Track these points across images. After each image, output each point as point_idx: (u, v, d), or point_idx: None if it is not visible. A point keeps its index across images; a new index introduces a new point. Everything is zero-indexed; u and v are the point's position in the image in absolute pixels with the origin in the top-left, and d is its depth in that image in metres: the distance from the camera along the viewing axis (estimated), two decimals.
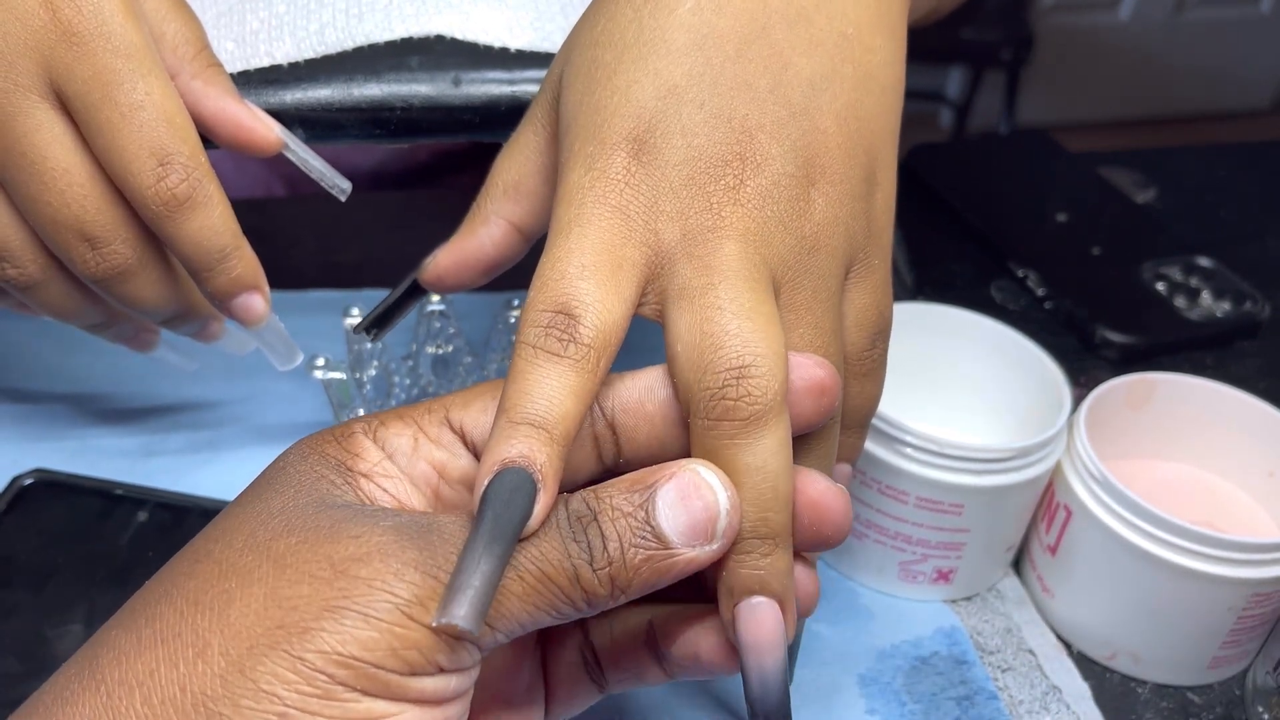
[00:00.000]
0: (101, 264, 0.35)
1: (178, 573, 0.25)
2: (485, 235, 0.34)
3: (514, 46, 0.39)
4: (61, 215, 0.34)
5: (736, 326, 0.26)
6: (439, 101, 0.39)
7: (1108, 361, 0.56)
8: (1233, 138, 2.45)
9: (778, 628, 0.27)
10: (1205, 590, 0.39)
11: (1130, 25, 2.45)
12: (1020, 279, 0.61)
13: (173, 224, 0.35)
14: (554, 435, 0.25)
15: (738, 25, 0.29)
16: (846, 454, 0.33)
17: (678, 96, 0.28)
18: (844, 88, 0.30)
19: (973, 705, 0.39)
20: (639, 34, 0.29)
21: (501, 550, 0.23)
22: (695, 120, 0.28)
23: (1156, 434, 0.46)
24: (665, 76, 0.29)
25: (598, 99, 0.29)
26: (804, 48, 0.30)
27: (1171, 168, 0.74)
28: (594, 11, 0.32)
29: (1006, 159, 0.73)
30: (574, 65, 0.31)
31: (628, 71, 0.29)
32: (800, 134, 0.29)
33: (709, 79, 0.29)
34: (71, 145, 0.34)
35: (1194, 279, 0.61)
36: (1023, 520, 0.43)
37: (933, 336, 0.47)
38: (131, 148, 0.33)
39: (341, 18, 0.39)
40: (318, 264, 0.60)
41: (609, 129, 0.28)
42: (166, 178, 0.34)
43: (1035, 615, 0.44)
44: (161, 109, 0.33)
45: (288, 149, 0.38)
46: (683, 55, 0.29)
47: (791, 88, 0.29)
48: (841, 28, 0.30)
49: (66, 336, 0.52)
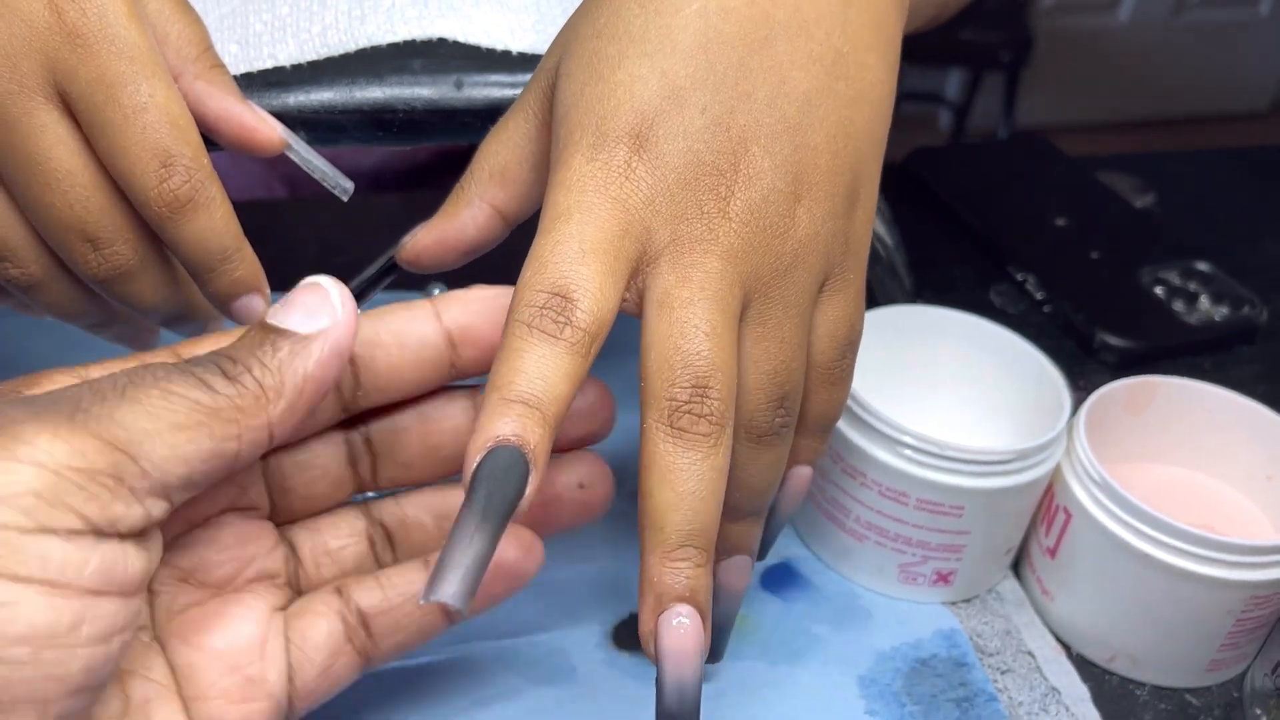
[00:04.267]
0: (104, 265, 0.35)
1: None
2: (468, 217, 0.34)
3: (516, 49, 0.39)
4: (64, 216, 0.34)
5: (708, 349, 0.27)
6: (441, 104, 0.39)
7: (1106, 365, 0.57)
8: (1232, 140, 2.46)
9: (699, 639, 0.27)
10: (1204, 593, 0.39)
11: (1129, 27, 2.46)
12: (1019, 283, 0.62)
13: (175, 225, 0.35)
14: (546, 416, 0.25)
15: (742, 33, 0.30)
16: (807, 456, 0.34)
17: (681, 98, 0.29)
18: (836, 105, 0.30)
19: (972, 707, 0.39)
20: (645, 30, 0.30)
21: (493, 530, 0.23)
22: (696, 125, 0.29)
23: (1155, 437, 0.46)
24: (670, 76, 0.29)
25: (600, 90, 0.29)
26: (802, 62, 0.30)
27: (1170, 172, 0.74)
28: (595, 4, 0.32)
29: (1006, 163, 0.73)
30: (574, 56, 0.31)
31: (632, 66, 0.29)
32: (792, 149, 0.29)
33: (712, 84, 0.29)
34: (75, 147, 0.34)
35: (1192, 283, 0.61)
36: (1022, 523, 0.43)
37: (932, 339, 0.47)
38: (134, 149, 0.33)
39: (344, 19, 0.39)
40: (319, 266, 0.60)
41: (612, 122, 0.29)
42: (169, 179, 0.34)
43: (1035, 617, 0.44)
44: (165, 111, 0.34)
45: (290, 149, 0.38)
46: (688, 57, 0.29)
47: (788, 101, 0.29)
48: (839, 44, 0.31)
49: (66, 336, 0.52)
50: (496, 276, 0.32)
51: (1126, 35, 2.46)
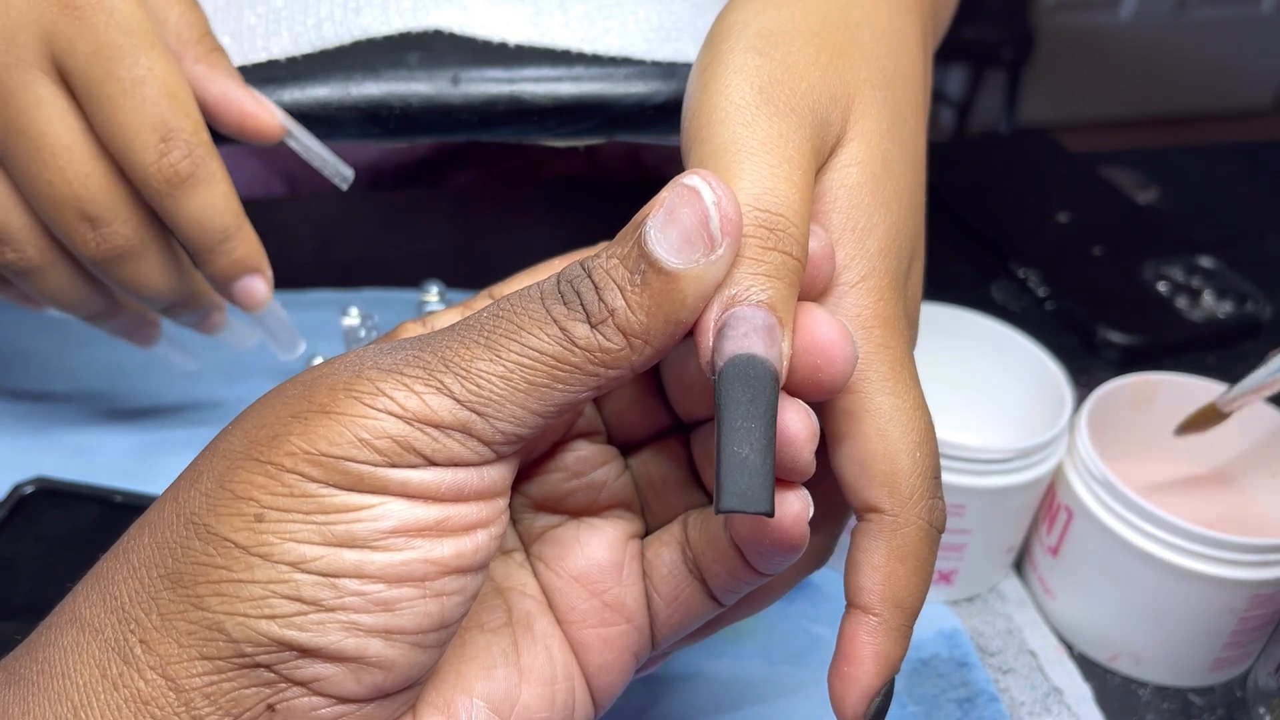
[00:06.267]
0: (102, 244, 0.34)
1: None
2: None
3: (513, 41, 0.39)
4: (61, 193, 0.33)
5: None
6: (437, 101, 0.38)
7: (1109, 362, 0.56)
8: (1234, 137, 2.45)
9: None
10: (1207, 591, 0.39)
11: (1131, 25, 2.46)
12: (1021, 279, 0.61)
13: (174, 201, 0.34)
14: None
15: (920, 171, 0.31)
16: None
17: (918, 249, 0.30)
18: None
19: (974, 707, 0.39)
20: (900, 185, 0.30)
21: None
22: (918, 273, 0.30)
23: (1158, 435, 0.46)
24: (915, 223, 0.30)
25: (884, 228, 0.28)
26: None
27: (1173, 168, 0.74)
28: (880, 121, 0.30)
29: (1008, 159, 0.73)
30: (865, 160, 0.29)
31: (894, 214, 0.29)
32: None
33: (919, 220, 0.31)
34: (73, 122, 0.33)
35: (1195, 279, 0.61)
36: (1024, 521, 0.43)
37: (934, 337, 0.46)
38: (133, 123, 0.33)
39: (339, 12, 0.39)
40: (316, 263, 0.60)
41: (890, 261, 0.28)
42: (169, 154, 0.33)
43: (1037, 616, 0.44)
44: (164, 84, 0.33)
45: (290, 136, 0.38)
46: (916, 205, 0.30)
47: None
48: (921, 97, 0.32)
49: (66, 335, 0.52)
50: (497, 275, 0.31)
51: (1128, 32, 2.46)
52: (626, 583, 0.28)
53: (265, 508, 0.22)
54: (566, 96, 0.39)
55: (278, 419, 0.23)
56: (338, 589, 0.22)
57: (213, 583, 0.21)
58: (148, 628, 0.22)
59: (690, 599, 0.28)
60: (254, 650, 0.21)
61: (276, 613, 0.21)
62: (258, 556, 0.21)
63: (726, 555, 0.27)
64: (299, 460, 0.22)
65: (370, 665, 0.22)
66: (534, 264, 0.30)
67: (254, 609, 0.21)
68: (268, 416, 0.23)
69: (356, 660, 0.22)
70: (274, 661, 0.21)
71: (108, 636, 0.22)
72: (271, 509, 0.22)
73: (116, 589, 0.23)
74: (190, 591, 0.22)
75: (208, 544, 0.22)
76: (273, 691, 0.22)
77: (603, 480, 0.29)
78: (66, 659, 0.22)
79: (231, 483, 0.22)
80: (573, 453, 0.29)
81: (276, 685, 0.22)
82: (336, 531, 0.22)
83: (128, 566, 0.23)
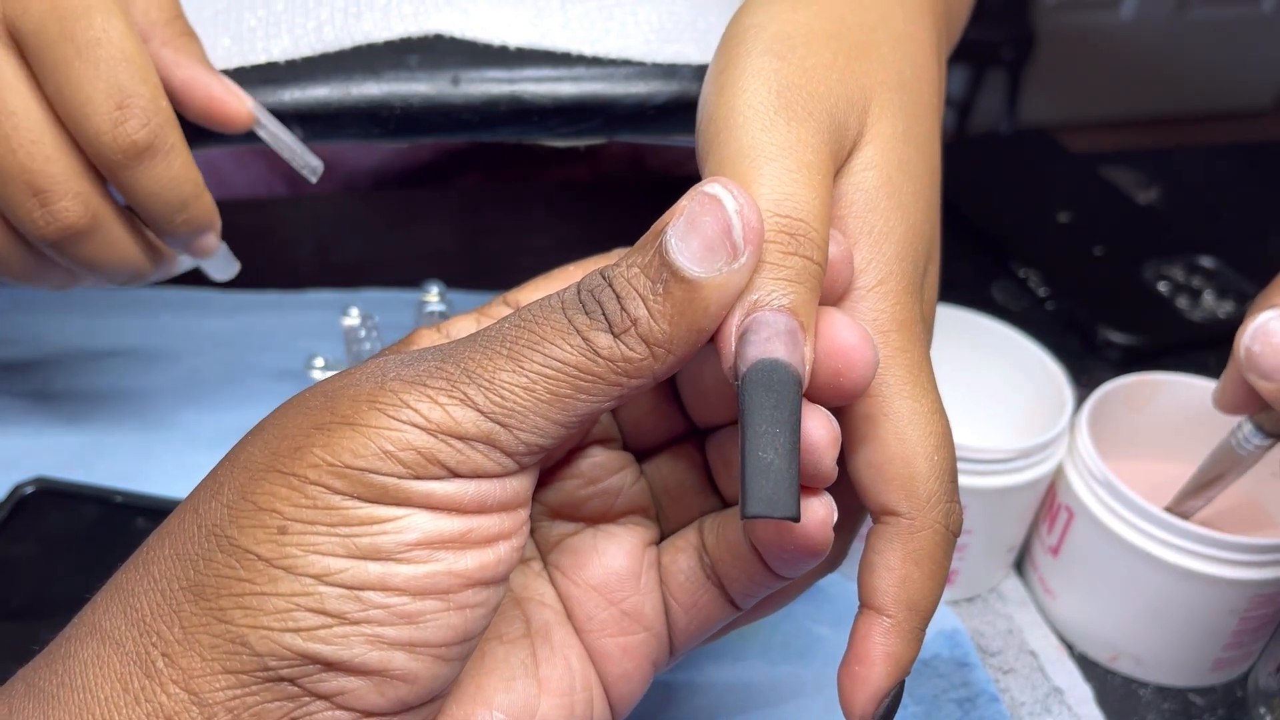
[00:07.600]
0: (52, 223, 0.33)
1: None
2: None
3: (513, 44, 0.39)
4: (7, 163, 0.32)
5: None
6: (438, 101, 0.38)
7: (1109, 362, 0.56)
8: (1234, 137, 2.45)
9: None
10: (1208, 591, 0.39)
11: (1132, 25, 2.45)
12: (1022, 279, 0.61)
13: (130, 174, 0.33)
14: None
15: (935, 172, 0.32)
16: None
17: (934, 252, 0.31)
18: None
19: (974, 707, 0.39)
20: (916, 189, 0.30)
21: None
22: (934, 276, 0.31)
23: (1159, 435, 0.46)
24: (930, 226, 0.31)
25: (900, 232, 0.29)
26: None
27: (1174, 168, 0.74)
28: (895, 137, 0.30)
29: (1008, 159, 0.73)
30: (881, 167, 0.29)
31: (910, 218, 0.30)
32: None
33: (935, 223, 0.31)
34: (22, 88, 0.32)
35: (1196, 279, 0.61)
36: (1024, 521, 0.43)
37: (934, 337, 0.46)
38: (87, 87, 0.31)
39: (340, 16, 0.39)
40: (316, 263, 0.60)
41: (907, 265, 0.29)
42: (125, 122, 0.32)
43: (1037, 617, 0.44)
44: (120, 47, 0.32)
45: (259, 125, 0.36)
46: (932, 208, 0.31)
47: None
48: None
49: (67, 335, 0.52)
50: (497, 276, 0.32)
51: (1129, 32, 2.45)
52: (645, 590, 0.28)
53: (288, 520, 0.22)
54: (567, 97, 0.39)
55: (300, 430, 0.23)
56: (362, 602, 0.22)
57: (236, 595, 0.21)
58: (170, 641, 0.22)
59: (708, 604, 0.28)
60: (278, 664, 0.21)
61: (301, 626, 0.21)
62: (281, 569, 0.21)
63: (746, 560, 0.27)
64: (322, 472, 0.22)
65: (394, 678, 0.22)
66: (534, 264, 0.30)
67: (278, 622, 0.21)
68: (289, 427, 0.23)
69: (381, 673, 0.22)
70: (298, 675, 0.21)
71: (129, 649, 0.22)
72: (295, 521, 0.22)
73: (137, 601, 0.22)
74: (213, 604, 0.21)
75: (230, 556, 0.22)
76: (296, 705, 0.22)
77: (618, 487, 0.29)
78: (87, 672, 0.22)
79: (254, 494, 0.22)
80: (588, 459, 0.29)
81: (300, 699, 0.22)
82: (361, 544, 0.22)
83: (148, 578, 0.23)
